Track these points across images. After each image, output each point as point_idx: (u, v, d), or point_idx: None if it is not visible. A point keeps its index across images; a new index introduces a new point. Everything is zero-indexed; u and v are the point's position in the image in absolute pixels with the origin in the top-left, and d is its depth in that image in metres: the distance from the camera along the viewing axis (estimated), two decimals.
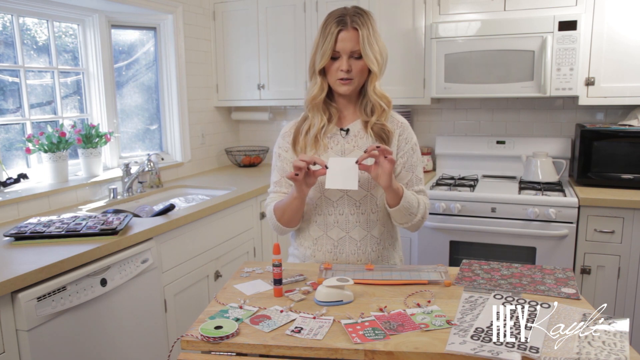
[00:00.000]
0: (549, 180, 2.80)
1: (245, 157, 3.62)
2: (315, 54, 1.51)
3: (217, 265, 2.53)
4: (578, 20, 2.55)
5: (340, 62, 1.48)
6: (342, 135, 1.58)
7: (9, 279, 1.47)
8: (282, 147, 1.63)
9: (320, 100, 1.54)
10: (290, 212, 1.53)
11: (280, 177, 1.62)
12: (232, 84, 3.50)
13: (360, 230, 1.57)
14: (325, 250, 1.60)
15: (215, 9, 3.44)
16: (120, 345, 1.90)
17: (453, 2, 2.86)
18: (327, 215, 1.57)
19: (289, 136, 1.62)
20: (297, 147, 1.59)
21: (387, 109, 1.55)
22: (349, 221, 1.57)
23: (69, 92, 2.81)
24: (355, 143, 1.57)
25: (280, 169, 1.62)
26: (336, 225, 1.57)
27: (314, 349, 1.09)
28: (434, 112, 3.34)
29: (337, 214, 1.57)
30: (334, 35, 1.46)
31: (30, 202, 2.26)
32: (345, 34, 1.46)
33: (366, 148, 1.40)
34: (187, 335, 1.14)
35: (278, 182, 1.63)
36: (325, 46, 1.47)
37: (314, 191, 1.56)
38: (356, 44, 1.46)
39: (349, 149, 1.57)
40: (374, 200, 1.57)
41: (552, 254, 2.49)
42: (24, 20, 2.52)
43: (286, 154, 1.61)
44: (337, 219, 1.57)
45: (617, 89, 2.62)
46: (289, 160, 1.60)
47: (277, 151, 1.64)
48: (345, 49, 1.47)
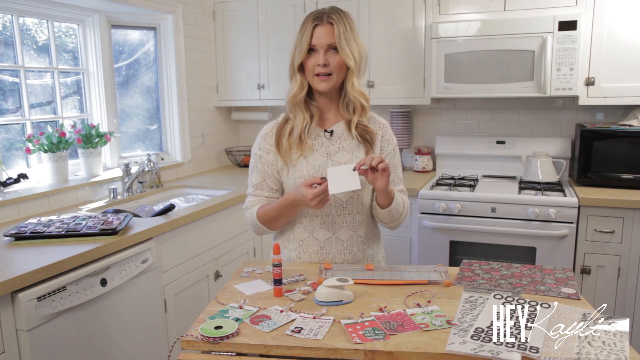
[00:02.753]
0: (549, 180, 2.80)
1: (245, 157, 3.62)
2: (294, 52, 1.53)
3: (217, 265, 2.53)
4: (578, 20, 2.55)
5: (317, 56, 1.49)
6: (327, 137, 1.58)
7: (9, 279, 1.47)
8: (264, 149, 1.60)
9: (301, 98, 1.54)
10: (282, 221, 1.56)
11: (262, 180, 1.59)
12: (232, 84, 3.50)
13: (346, 231, 1.58)
14: (311, 251, 1.60)
15: (215, 9, 3.44)
16: (120, 345, 1.90)
17: (453, 2, 2.86)
18: (314, 217, 1.57)
19: (271, 137, 1.60)
20: (281, 149, 1.57)
21: (367, 106, 1.56)
22: (335, 222, 1.57)
23: (69, 92, 2.81)
24: (340, 144, 1.57)
25: (261, 172, 1.60)
26: (322, 227, 1.58)
27: (314, 349, 1.09)
28: (434, 112, 3.34)
29: (323, 215, 1.57)
30: (310, 30, 1.48)
31: (30, 202, 2.26)
32: (321, 28, 1.48)
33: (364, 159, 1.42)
34: (187, 335, 1.14)
35: (259, 185, 1.60)
36: (302, 42, 1.50)
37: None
38: (332, 37, 1.48)
39: (334, 151, 1.57)
40: (360, 200, 1.58)
41: (552, 254, 2.49)
42: (24, 20, 2.52)
43: (267, 155, 1.59)
44: (324, 220, 1.57)
45: (617, 89, 2.62)
46: (270, 163, 1.58)
47: (257, 153, 1.61)
48: (322, 44, 1.48)
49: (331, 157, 1.56)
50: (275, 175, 1.59)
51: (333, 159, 1.56)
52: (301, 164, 1.55)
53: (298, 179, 1.54)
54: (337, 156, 1.56)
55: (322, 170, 1.54)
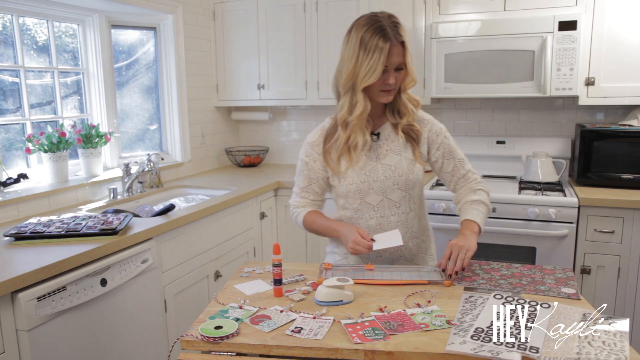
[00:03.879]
0: (549, 180, 2.80)
1: (245, 157, 3.62)
2: (357, 69, 1.45)
3: (217, 265, 2.53)
4: (578, 20, 2.55)
5: (386, 75, 1.46)
6: (374, 140, 1.59)
7: (9, 279, 1.47)
8: (311, 157, 1.64)
9: (365, 117, 1.52)
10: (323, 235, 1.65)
11: (308, 185, 1.65)
12: (232, 84, 3.50)
13: (401, 228, 1.60)
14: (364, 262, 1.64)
15: (215, 9, 3.44)
16: (120, 345, 1.90)
17: (453, 2, 2.86)
18: (369, 219, 1.61)
19: (318, 146, 1.62)
20: (329, 160, 1.60)
21: (415, 111, 1.58)
22: (390, 222, 1.60)
23: (69, 92, 2.81)
24: (387, 147, 1.59)
25: (307, 177, 1.65)
26: (378, 228, 1.60)
27: (314, 349, 1.09)
28: (434, 112, 3.33)
29: (378, 217, 1.60)
30: (386, 51, 1.42)
31: (30, 202, 2.26)
32: (395, 49, 1.43)
33: (445, 263, 1.46)
34: (187, 335, 1.14)
35: (305, 188, 1.67)
36: (373, 63, 1.42)
37: (354, 198, 1.59)
38: (402, 57, 1.46)
39: (383, 154, 1.58)
40: (412, 199, 1.61)
41: (552, 254, 2.49)
42: (24, 20, 2.52)
43: (314, 164, 1.63)
44: (379, 222, 1.60)
45: (617, 89, 2.62)
46: (315, 170, 1.63)
47: (304, 159, 1.65)
48: (393, 64, 1.46)
49: (380, 160, 1.58)
50: (320, 181, 1.65)
51: (382, 162, 1.57)
52: (351, 171, 1.57)
53: (350, 185, 1.57)
54: (386, 159, 1.58)
55: (373, 175, 1.56)
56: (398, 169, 1.56)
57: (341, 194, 1.62)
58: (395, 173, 1.56)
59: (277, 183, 3.03)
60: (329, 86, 2.79)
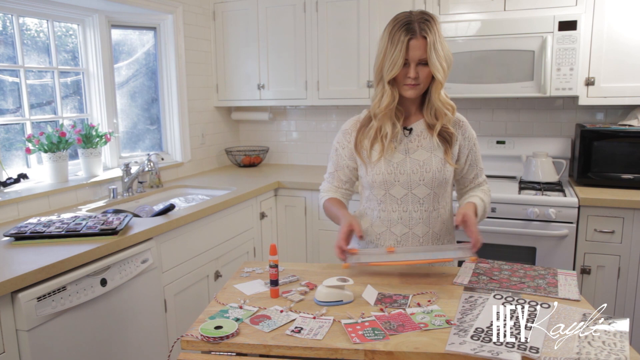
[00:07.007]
0: (549, 180, 2.80)
1: (245, 157, 3.62)
2: (384, 61, 1.50)
3: (217, 265, 2.53)
4: (578, 20, 2.55)
5: (408, 69, 1.48)
6: (405, 134, 1.60)
7: (9, 279, 1.47)
8: (341, 144, 1.68)
9: (392, 108, 1.55)
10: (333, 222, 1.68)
11: (335, 171, 1.71)
12: (232, 84, 3.50)
13: (422, 227, 1.61)
14: (387, 245, 1.64)
15: (215, 9, 3.44)
16: (120, 345, 1.90)
17: (453, 2, 2.86)
18: (392, 212, 1.61)
19: (350, 135, 1.66)
20: (359, 149, 1.62)
21: (451, 116, 1.57)
22: (412, 218, 1.60)
23: (69, 92, 2.81)
24: (419, 142, 1.59)
25: (335, 163, 1.71)
26: (400, 222, 1.61)
27: (314, 349, 1.09)
28: None
29: (401, 210, 1.60)
30: (405, 44, 1.45)
31: (30, 202, 2.26)
32: (415, 42, 1.45)
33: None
34: (187, 335, 1.14)
35: (332, 174, 1.73)
36: (395, 55, 1.46)
37: (379, 189, 1.60)
38: (424, 52, 1.46)
39: (413, 149, 1.59)
40: (437, 198, 1.61)
41: (552, 254, 2.49)
42: (24, 20, 2.52)
43: (343, 151, 1.67)
44: (401, 216, 1.61)
45: (617, 89, 2.62)
46: (343, 157, 1.68)
47: (335, 145, 1.70)
48: (414, 58, 1.47)
49: (409, 154, 1.58)
50: (345, 169, 1.69)
51: (411, 156, 1.58)
52: (380, 162, 1.58)
53: (377, 175, 1.59)
54: (416, 154, 1.58)
55: (400, 168, 1.57)
56: (426, 165, 1.57)
57: (367, 185, 1.63)
58: (422, 169, 1.57)
59: (277, 183, 3.03)
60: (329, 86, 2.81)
